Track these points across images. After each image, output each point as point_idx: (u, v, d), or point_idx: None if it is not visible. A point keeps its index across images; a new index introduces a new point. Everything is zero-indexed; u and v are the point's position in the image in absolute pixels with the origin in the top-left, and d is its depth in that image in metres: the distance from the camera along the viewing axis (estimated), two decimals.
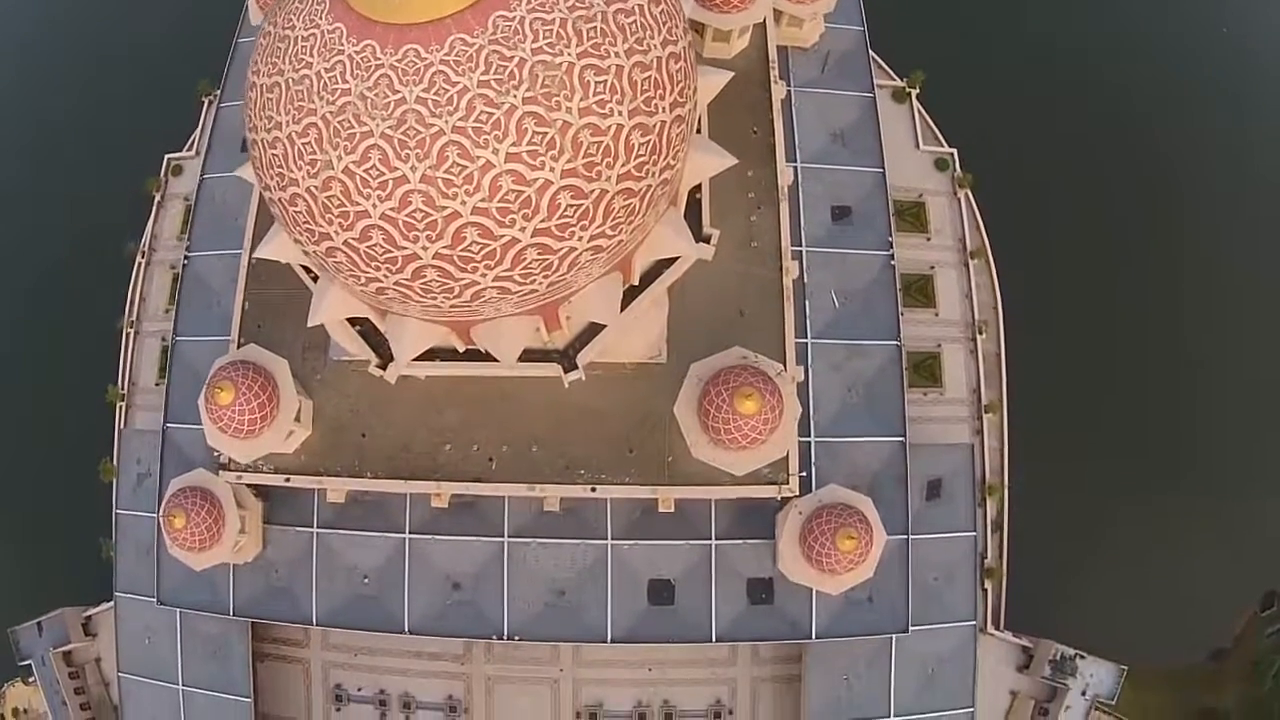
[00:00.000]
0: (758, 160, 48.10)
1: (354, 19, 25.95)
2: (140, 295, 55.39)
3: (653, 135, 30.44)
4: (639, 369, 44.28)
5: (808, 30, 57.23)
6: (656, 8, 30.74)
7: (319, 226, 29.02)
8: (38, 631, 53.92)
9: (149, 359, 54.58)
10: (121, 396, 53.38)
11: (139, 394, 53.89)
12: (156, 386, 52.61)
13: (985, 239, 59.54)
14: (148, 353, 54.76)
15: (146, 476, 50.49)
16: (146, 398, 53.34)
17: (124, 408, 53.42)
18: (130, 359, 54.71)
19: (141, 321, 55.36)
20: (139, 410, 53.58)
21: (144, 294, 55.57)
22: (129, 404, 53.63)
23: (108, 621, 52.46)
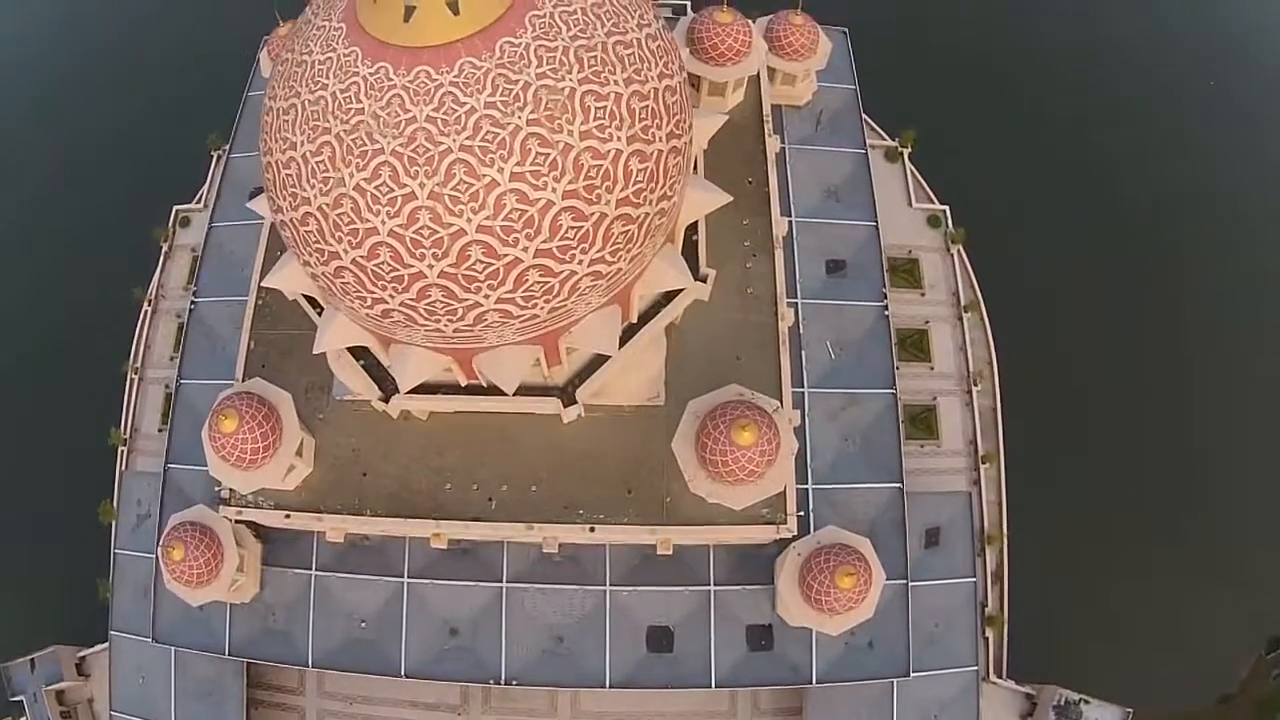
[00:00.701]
0: (753, 210, 49.91)
1: (369, 42, 27.79)
2: (145, 343, 56.66)
3: (650, 163, 32.14)
4: (637, 411, 45.15)
5: (801, 88, 59.71)
6: (653, 42, 32.82)
7: (329, 245, 30.38)
8: (30, 668, 53.61)
9: (152, 405, 55.50)
10: (123, 440, 54.12)
11: (141, 439, 54.68)
12: (159, 433, 53.37)
13: (978, 293, 61.30)
14: (151, 399, 55.75)
15: (146, 518, 50.80)
16: (148, 443, 54.10)
17: (125, 452, 54.12)
18: (134, 404, 55.60)
19: (146, 368, 56.46)
20: (140, 455, 54.27)
21: (149, 341, 56.84)
22: (130, 448, 54.35)
23: (101, 662, 52.15)
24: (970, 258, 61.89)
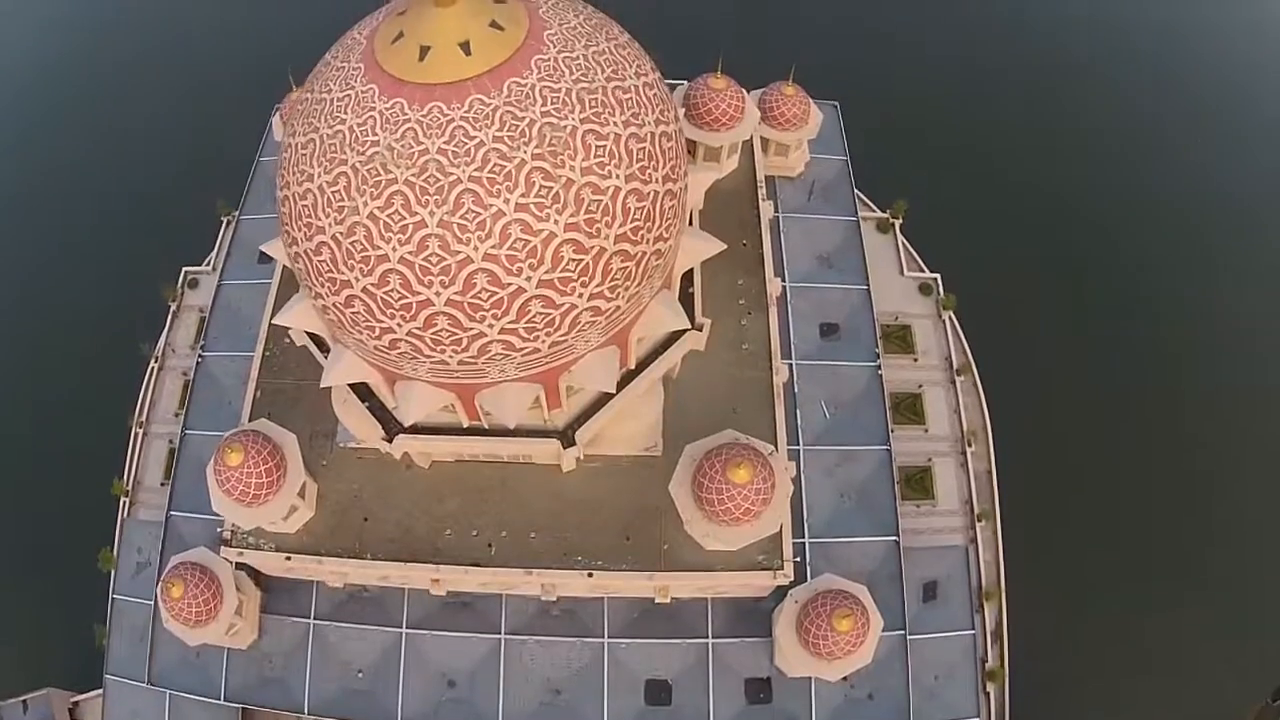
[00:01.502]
0: (748, 270, 52.14)
1: (386, 80, 30.18)
2: (151, 399, 58.02)
3: (647, 203, 34.33)
4: (635, 461, 46.40)
5: (794, 159, 62.64)
6: (650, 91, 35.39)
7: (340, 274, 32.23)
8: (22, 709, 53.42)
9: (155, 459, 56.44)
10: (125, 491, 54.92)
11: (143, 492, 55.41)
12: (161, 486, 54.23)
13: (970, 357, 62.93)
14: (155, 453, 56.70)
15: (146, 565, 51.29)
16: (150, 496, 54.82)
17: (127, 502, 54.86)
18: (137, 457, 56.61)
19: (151, 423, 57.58)
20: (142, 506, 54.81)
21: (155, 397, 58.14)
22: (133, 500, 55.06)
23: (95, 709, 51.87)
24: (961, 322, 63.70)
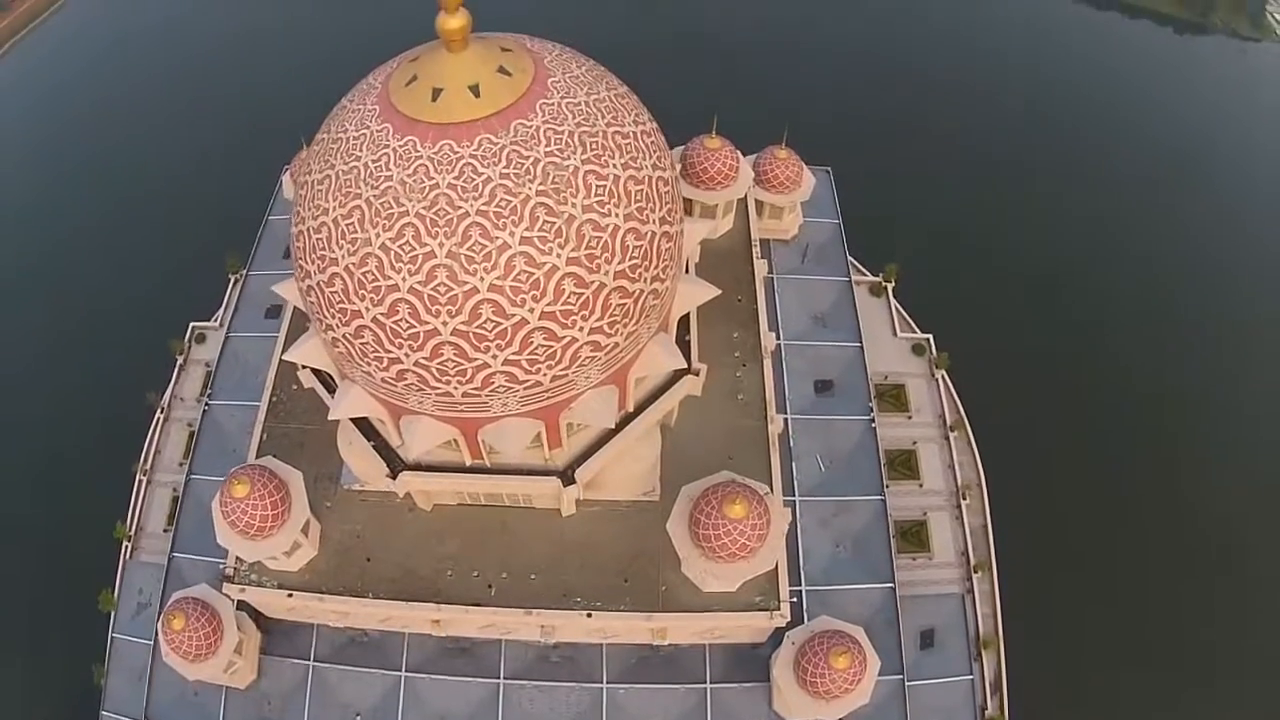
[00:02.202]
0: (743, 324, 54.04)
1: (400, 120, 32.39)
2: (156, 448, 59.13)
3: (644, 242, 36.33)
4: (633, 506, 47.56)
5: (787, 222, 64.88)
6: (648, 138, 37.72)
7: (352, 304, 33.97)
8: None
9: (159, 506, 57.28)
10: (128, 536, 55.61)
11: (145, 538, 56.04)
12: (164, 532, 54.97)
13: (963, 414, 64.39)
14: (158, 500, 57.57)
15: (146, 606, 51.76)
16: (153, 541, 55.41)
17: (129, 547, 55.52)
18: (141, 503, 57.46)
19: (155, 471, 58.58)
20: (144, 551, 55.53)
21: (160, 446, 59.27)
22: (135, 545, 55.73)
23: None
24: (954, 380, 65.30)
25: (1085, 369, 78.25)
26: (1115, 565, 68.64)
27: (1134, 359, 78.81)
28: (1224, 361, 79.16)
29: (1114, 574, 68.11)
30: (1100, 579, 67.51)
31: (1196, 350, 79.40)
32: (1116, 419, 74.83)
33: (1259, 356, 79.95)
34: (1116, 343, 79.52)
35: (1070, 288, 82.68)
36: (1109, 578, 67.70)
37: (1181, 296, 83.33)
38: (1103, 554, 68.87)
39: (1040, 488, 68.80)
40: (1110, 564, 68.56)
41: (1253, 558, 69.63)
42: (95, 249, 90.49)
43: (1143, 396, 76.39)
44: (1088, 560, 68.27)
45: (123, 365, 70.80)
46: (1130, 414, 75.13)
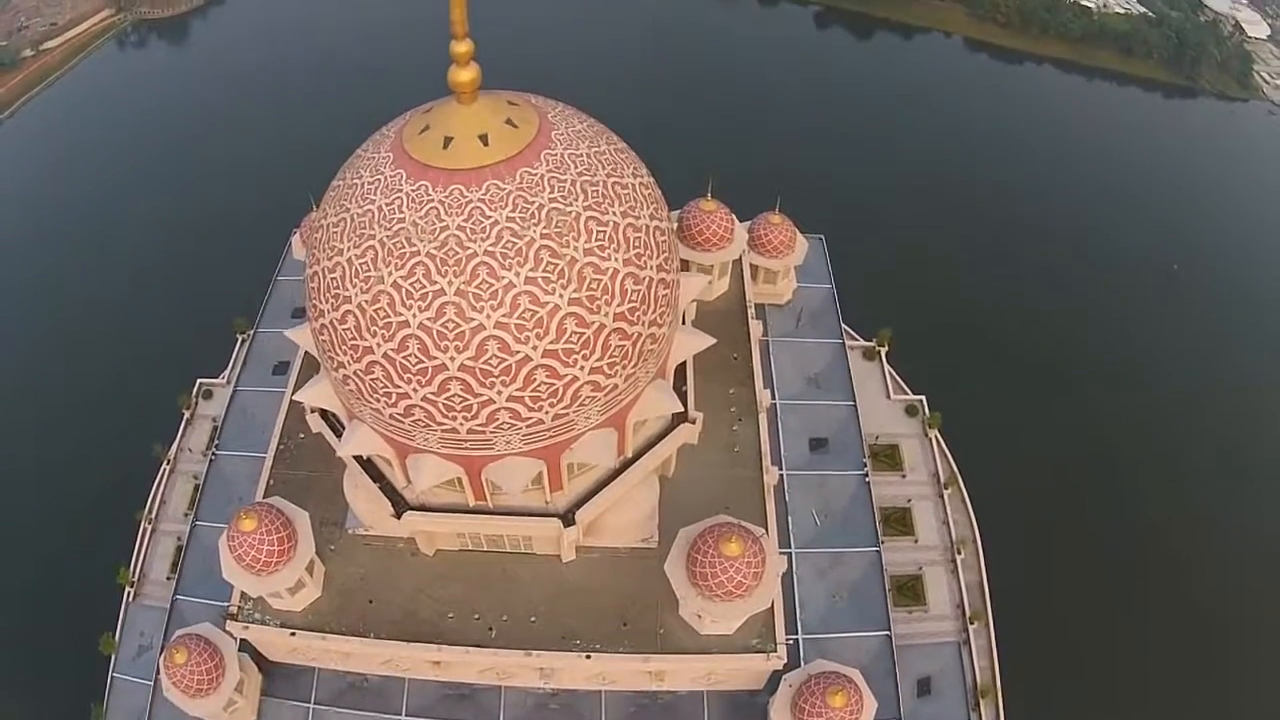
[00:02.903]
0: (738, 381, 55.91)
1: (413, 165, 34.81)
2: (162, 498, 60.37)
3: (642, 287, 38.52)
4: (632, 553, 48.74)
5: (782, 287, 67.01)
6: (646, 190, 40.21)
7: (364, 341, 35.90)
8: None
9: (163, 555, 58.11)
10: (131, 582, 56.38)
11: (148, 584, 56.74)
12: (167, 580, 55.74)
13: (956, 471, 65.82)
14: (162, 549, 58.43)
15: (148, 648, 52.27)
16: (155, 588, 56.04)
17: (132, 593, 56.29)
18: (144, 551, 58.37)
19: (160, 520, 59.60)
20: (146, 597, 56.19)
21: (165, 497, 60.47)
22: (137, 591, 56.47)
23: None
24: (947, 439, 66.92)
25: (1076, 428, 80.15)
26: (1113, 616, 69.33)
27: (1123, 418, 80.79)
28: (1216, 422, 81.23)
29: (1113, 625, 68.76)
30: (1099, 630, 68.13)
31: (1187, 411, 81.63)
32: (1108, 476, 76.37)
33: (1246, 417, 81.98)
34: (1106, 402, 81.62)
35: (1061, 350, 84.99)
36: (1108, 629, 68.33)
37: (1172, 356, 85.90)
38: (1099, 610, 69.63)
39: (1034, 543, 70.02)
40: (1108, 615, 69.24)
41: (1247, 613, 70.39)
42: (107, 308, 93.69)
43: (1132, 454, 78.16)
44: (1085, 613, 69.00)
45: (131, 418, 72.73)
46: (1121, 471, 76.69)
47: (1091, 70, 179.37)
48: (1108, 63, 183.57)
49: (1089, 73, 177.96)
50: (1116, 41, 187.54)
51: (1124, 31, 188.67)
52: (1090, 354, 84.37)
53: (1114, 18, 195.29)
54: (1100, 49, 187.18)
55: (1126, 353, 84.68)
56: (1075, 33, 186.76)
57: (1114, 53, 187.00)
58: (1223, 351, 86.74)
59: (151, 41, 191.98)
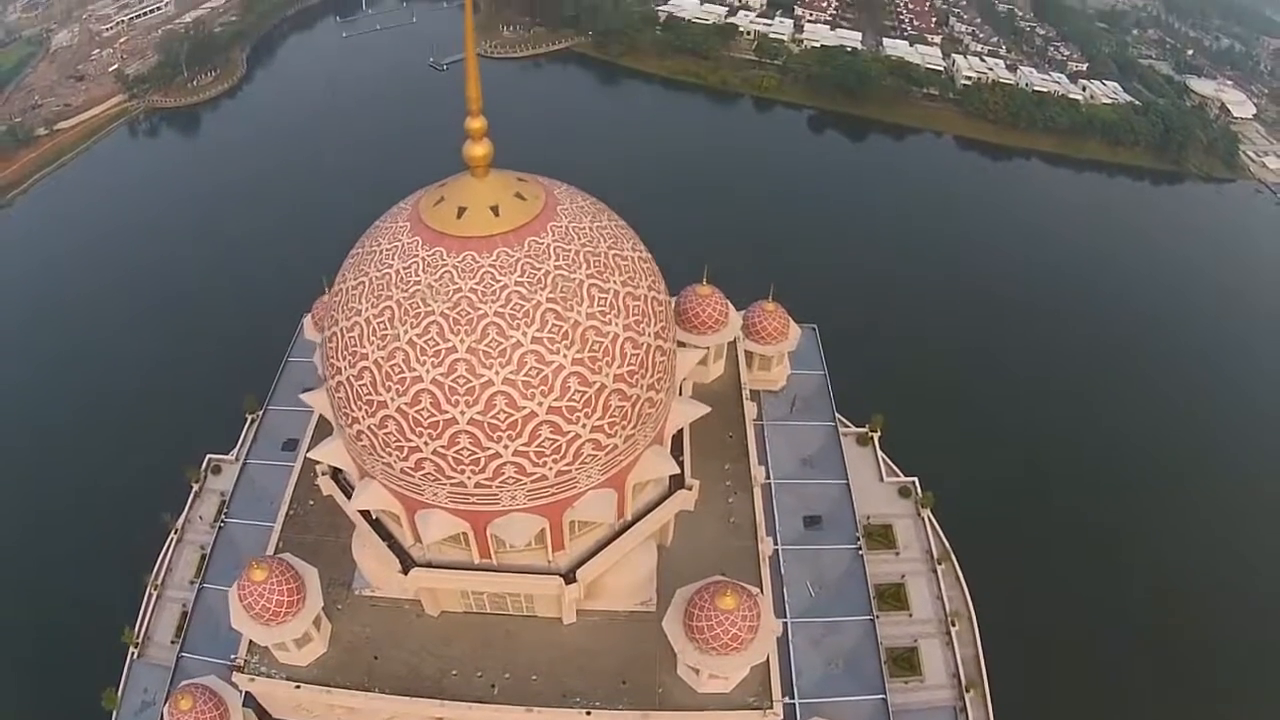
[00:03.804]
0: (734, 458, 58.30)
1: (429, 233, 38.35)
2: (168, 566, 62.09)
3: (641, 351, 41.66)
4: (631, 616, 50.70)
5: (776, 373, 69.96)
6: (644, 263, 43.70)
7: (378, 396, 38.86)
8: None
9: (168, 619, 59.50)
10: (135, 643, 57.80)
11: (152, 646, 58.21)
12: (171, 644, 57.15)
13: (949, 548, 67.86)
14: (167, 614, 59.84)
15: (151, 704, 53.44)
16: (159, 651, 57.33)
17: (135, 654, 57.63)
18: (150, 614, 59.85)
19: (166, 587, 61.21)
20: (150, 659, 57.30)
21: (171, 565, 62.19)
22: (141, 651, 57.75)
23: None
24: (939, 518, 69.11)
25: (1068, 509, 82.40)
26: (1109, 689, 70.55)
27: (1114, 494, 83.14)
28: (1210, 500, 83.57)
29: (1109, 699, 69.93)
30: (1093, 702, 69.27)
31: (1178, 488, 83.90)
32: (1101, 551, 78.34)
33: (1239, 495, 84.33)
34: (1100, 475, 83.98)
35: (1053, 429, 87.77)
36: (1103, 701, 69.47)
37: (1162, 435, 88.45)
38: (1096, 678, 70.83)
39: (1030, 615, 71.53)
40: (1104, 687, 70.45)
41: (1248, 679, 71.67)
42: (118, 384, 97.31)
43: (1120, 527, 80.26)
44: (1079, 682, 70.16)
45: (139, 490, 74.75)
46: (1114, 545, 78.70)
47: (1080, 162, 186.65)
48: (1096, 153, 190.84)
49: (1078, 164, 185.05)
50: (1104, 132, 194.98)
51: (1111, 121, 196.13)
52: (1080, 433, 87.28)
53: (1101, 108, 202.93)
54: (1088, 140, 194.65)
55: (1116, 432, 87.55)
56: (1063, 125, 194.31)
57: (1102, 143, 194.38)
58: (1214, 431, 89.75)
59: (163, 129, 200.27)
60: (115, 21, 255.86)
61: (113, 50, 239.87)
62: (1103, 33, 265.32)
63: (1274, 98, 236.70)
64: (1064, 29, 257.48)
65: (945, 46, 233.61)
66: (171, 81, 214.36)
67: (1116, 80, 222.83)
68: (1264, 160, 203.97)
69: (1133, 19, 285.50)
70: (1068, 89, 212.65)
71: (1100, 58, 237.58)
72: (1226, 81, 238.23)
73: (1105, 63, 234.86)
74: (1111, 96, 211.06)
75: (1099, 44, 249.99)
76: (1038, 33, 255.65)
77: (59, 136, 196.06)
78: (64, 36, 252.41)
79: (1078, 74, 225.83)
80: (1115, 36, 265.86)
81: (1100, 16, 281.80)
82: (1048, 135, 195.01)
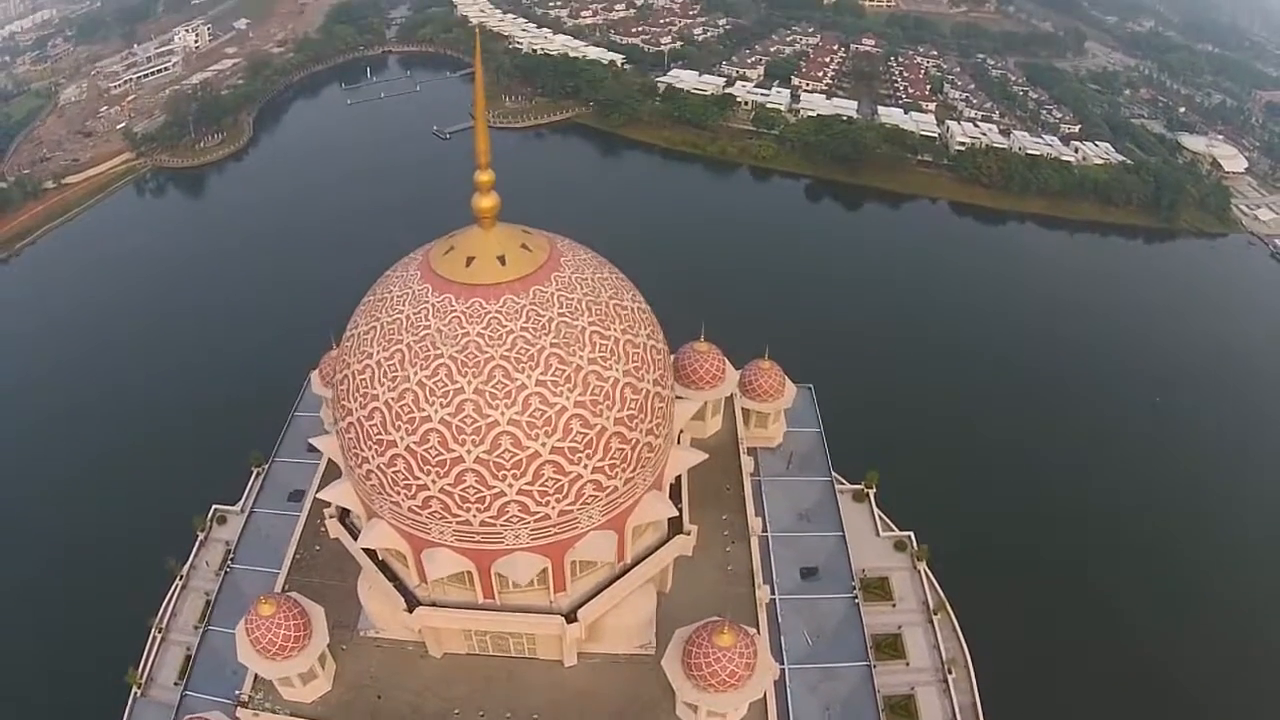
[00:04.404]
0: (732, 509, 60.20)
1: (439, 281, 40.65)
2: (173, 610, 63.23)
3: (640, 396, 43.74)
4: (630, 659, 52.05)
5: (772, 430, 71.87)
6: (644, 314, 46.03)
7: (388, 435, 40.79)
8: None
9: (171, 661, 60.45)
10: (139, 683, 58.63)
11: (155, 688, 59.07)
12: (174, 686, 57.99)
13: (945, 599, 69.10)
14: (171, 657, 60.80)
15: None
16: (163, 692, 58.23)
17: (138, 694, 58.39)
18: (154, 657, 60.80)
19: (170, 631, 62.24)
20: (153, 699, 58.20)
21: (176, 610, 63.29)
22: (145, 691, 58.62)
23: None
24: (935, 570, 70.47)
25: (1064, 557, 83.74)
26: None
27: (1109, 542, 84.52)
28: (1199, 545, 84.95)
29: None
30: None
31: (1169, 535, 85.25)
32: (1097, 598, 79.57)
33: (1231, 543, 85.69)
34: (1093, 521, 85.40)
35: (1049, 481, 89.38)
36: None
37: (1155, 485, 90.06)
38: None
39: (1026, 664, 72.48)
40: None
41: None
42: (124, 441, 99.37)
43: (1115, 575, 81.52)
44: None
45: (145, 538, 75.61)
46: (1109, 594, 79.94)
47: (1073, 223, 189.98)
48: (1088, 214, 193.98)
49: (1071, 225, 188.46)
50: (1096, 192, 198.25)
51: (1103, 181, 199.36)
52: (1075, 486, 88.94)
53: (1093, 169, 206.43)
54: (1081, 201, 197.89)
55: (1111, 488, 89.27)
56: (1056, 187, 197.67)
57: (1094, 203, 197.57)
58: (1207, 481, 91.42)
59: (170, 189, 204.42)
60: (123, 79, 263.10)
61: (120, 108, 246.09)
62: (1095, 94, 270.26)
63: (1266, 151, 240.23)
64: (1056, 92, 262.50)
65: (939, 113, 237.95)
66: (179, 142, 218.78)
67: (1109, 140, 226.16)
68: (1256, 213, 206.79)
69: (1125, 79, 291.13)
70: (1060, 151, 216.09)
71: (1093, 119, 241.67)
72: (1218, 137, 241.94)
73: (1098, 124, 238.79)
74: (1104, 157, 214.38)
75: (1091, 105, 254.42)
76: (1030, 97, 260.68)
77: (66, 191, 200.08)
78: (72, 91, 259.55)
79: (1070, 136, 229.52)
80: (1108, 97, 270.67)
81: (1093, 78, 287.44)
82: (1041, 197, 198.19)
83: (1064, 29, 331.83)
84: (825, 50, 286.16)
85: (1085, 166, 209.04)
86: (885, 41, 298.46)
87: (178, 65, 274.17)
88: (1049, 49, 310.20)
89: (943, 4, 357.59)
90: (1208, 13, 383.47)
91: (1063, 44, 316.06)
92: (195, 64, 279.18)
